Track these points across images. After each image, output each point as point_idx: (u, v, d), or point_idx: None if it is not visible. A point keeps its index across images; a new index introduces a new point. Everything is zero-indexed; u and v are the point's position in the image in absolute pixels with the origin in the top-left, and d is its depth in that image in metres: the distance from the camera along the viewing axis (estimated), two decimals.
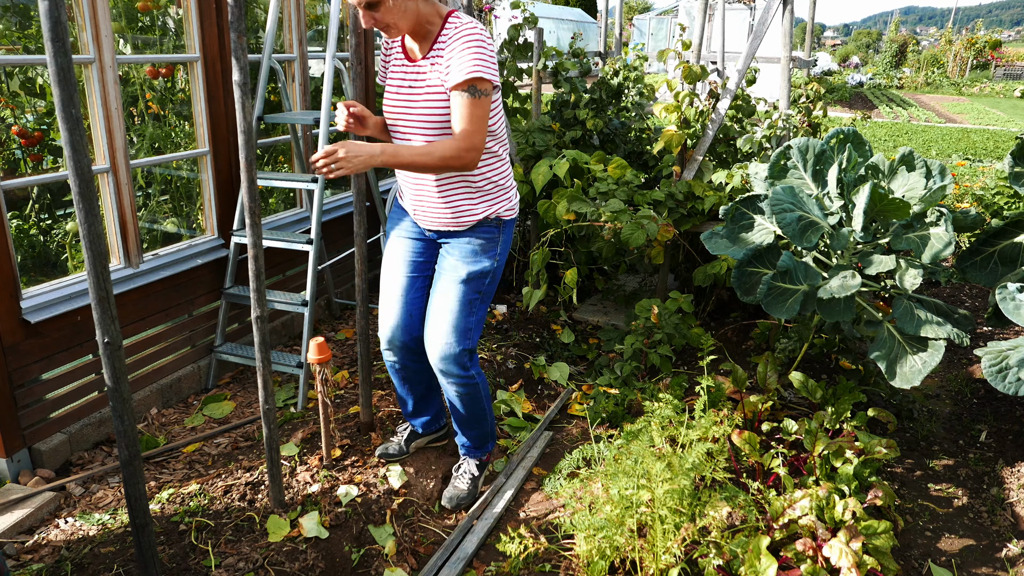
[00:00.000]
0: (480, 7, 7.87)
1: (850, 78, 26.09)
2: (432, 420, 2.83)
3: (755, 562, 2.00)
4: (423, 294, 2.54)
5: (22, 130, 3.03)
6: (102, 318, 1.63)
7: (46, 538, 2.35)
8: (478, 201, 2.35)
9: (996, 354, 2.61)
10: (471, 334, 2.45)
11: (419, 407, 2.77)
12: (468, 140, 2.11)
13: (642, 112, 5.02)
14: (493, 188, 2.37)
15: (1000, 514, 2.67)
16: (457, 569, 2.31)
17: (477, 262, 2.39)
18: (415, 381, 2.69)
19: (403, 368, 2.64)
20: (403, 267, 2.52)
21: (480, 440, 2.71)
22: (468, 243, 2.39)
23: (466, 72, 2.06)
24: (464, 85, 2.08)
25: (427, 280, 2.54)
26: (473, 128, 2.11)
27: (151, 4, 3.24)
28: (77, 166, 1.52)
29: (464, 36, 2.08)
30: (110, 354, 1.67)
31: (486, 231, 2.40)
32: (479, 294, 2.42)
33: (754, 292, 2.97)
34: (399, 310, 2.52)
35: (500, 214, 2.40)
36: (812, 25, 6.53)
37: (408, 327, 2.53)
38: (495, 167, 2.36)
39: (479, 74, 2.06)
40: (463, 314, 2.40)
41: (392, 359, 2.62)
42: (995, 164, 9.57)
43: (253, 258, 2.18)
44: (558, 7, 26.12)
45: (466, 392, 2.53)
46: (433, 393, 2.78)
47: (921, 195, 2.75)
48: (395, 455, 2.80)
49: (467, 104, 2.10)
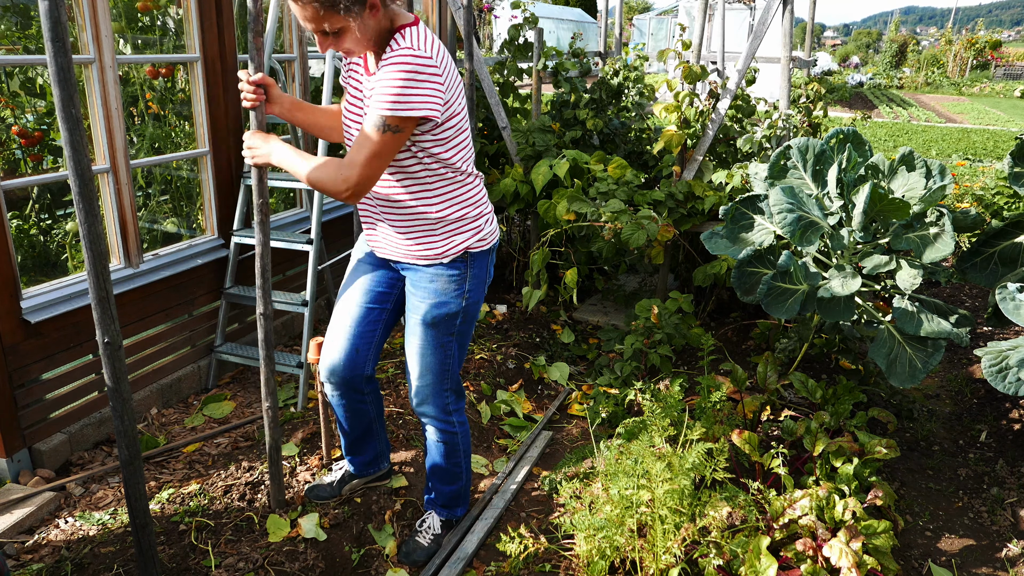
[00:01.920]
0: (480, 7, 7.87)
1: (850, 78, 26.10)
2: (371, 462, 2.59)
3: (755, 562, 2.00)
4: (377, 328, 2.28)
5: (22, 130, 3.03)
6: (102, 318, 1.63)
7: (46, 538, 2.35)
8: (440, 236, 2.08)
9: (996, 354, 2.61)
10: (450, 374, 2.25)
11: (358, 446, 2.52)
12: (351, 168, 1.85)
13: (642, 112, 5.03)
14: (455, 222, 2.08)
15: (1000, 514, 2.67)
16: (457, 569, 2.31)
17: (441, 305, 2.13)
18: (355, 420, 2.44)
19: (343, 405, 2.39)
20: (359, 295, 2.27)
21: (452, 500, 2.47)
22: (431, 282, 2.13)
23: (379, 103, 1.82)
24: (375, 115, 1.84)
25: (385, 312, 2.29)
26: (357, 158, 1.85)
27: (151, 4, 3.24)
28: (77, 166, 1.52)
29: (393, 61, 1.82)
30: (110, 354, 1.67)
31: (451, 267, 2.11)
32: (451, 335, 2.18)
33: (754, 292, 2.97)
34: (345, 342, 2.27)
35: (469, 247, 2.11)
36: (812, 25, 6.53)
37: (352, 362, 2.28)
38: (455, 198, 2.07)
39: (389, 110, 1.81)
40: (437, 357, 2.20)
41: (332, 392, 2.37)
42: (995, 164, 9.57)
43: (260, 256, 2.18)
44: (558, 7, 26.12)
45: (444, 440, 2.34)
46: (372, 436, 2.52)
47: (921, 195, 2.75)
48: (326, 497, 2.55)
49: (367, 132, 1.84)
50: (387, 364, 3.56)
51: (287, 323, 3.91)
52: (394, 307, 2.30)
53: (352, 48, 1.89)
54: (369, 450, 2.55)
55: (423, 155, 1.97)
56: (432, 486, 2.47)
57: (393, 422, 3.07)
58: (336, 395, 2.36)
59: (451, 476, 2.41)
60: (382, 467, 2.64)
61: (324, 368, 2.33)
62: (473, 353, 3.71)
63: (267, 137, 2.03)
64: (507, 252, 4.88)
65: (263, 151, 2.01)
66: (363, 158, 1.86)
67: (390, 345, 3.78)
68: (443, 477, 2.42)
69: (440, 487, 2.45)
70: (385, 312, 2.29)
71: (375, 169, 1.88)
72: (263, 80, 2.01)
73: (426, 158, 1.98)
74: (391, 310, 2.30)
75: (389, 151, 1.87)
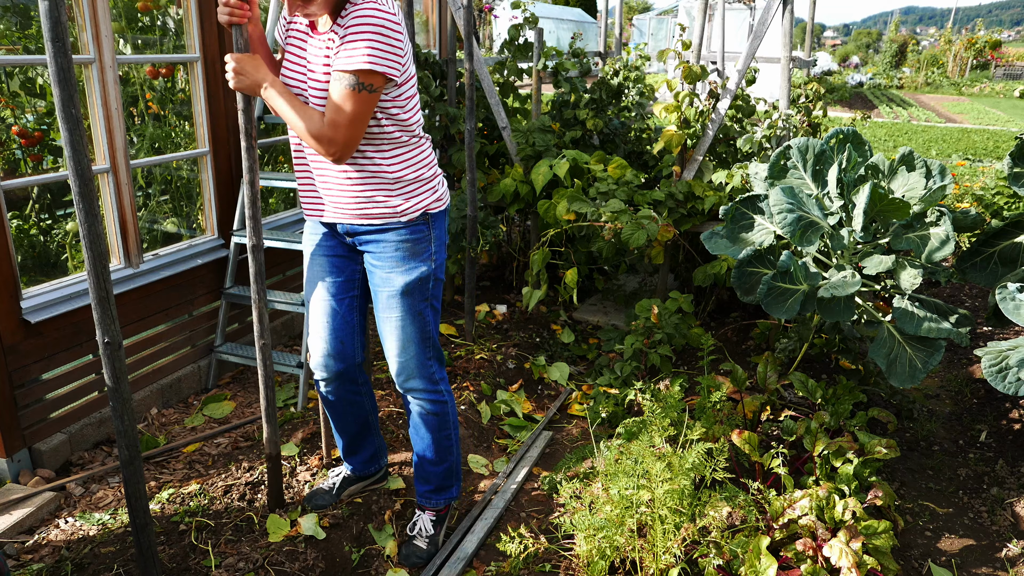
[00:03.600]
0: (480, 7, 7.87)
1: (850, 78, 26.10)
2: (370, 459, 2.56)
3: (755, 562, 2.00)
4: (353, 316, 2.28)
5: (22, 130, 3.03)
6: (102, 318, 1.63)
7: (46, 538, 2.35)
8: (395, 194, 2.06)
9: (996, 354, 2.61)
10: (431, 341, 2.22)
11: (355, 444, 2.50)
12: (331, 130, 1.86)
13: (642, 112, 5.03)
14: (414, 182, 2.08)
15: (1000, 514, 2.67)
16: (457, 569, 2.31)
17: (412, 269, 2.11)
18: (351, 416, 2.42)
19: (339, 400, 2.37)
20: (324, 291, 2.25)
21: (444, 478, 2.40)
22: (396, 250, 2.10)
23: (352, 61, 1.81)
24: (347, 73, 1.83)
25: (355, 299, 2.28)
26: (341, 120, 1.85)
27: (151, 4, 3.24)
28: (77, 166, 1.52)
29: (362, 17, 1.81)
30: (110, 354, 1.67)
31: (414, 231, 2.10)
32: (426, 300, 2.16)
33: (754, 292, 2.97)
34: (329, 336, 2.26)
35: (427, 208, 2.11)
36: (812, 25, 6.53)
37: (340, 354, 2.27)
38: (411, 159, 2.07)
39: (367, 66, 1.80)
40: (416, 325, 2.17)
41: (326, 389, 2.36)
42: (995, 164, 9.57)
43: (249, 182, 2.18)
44: (558, 7, 26.12)
45: (435, 412, 2.30)
46: (370, 431, 2.52)
47: (921, 195, 2.75)
48: (324, 505, 2.50)
49: (343, 93, 1.84)
50: (386, 364, 3.56)
51: (287, 323, 3.91)
52: (361, 290, 2.30)
53: (317, 12, 1.88)
54: (368, 446, 2.53)
55: (382, 116, 1.97)
56: (421, 470, 2.39)
57: (393, 422, 3.07)
58: (331, 389, 2.35)
59: (443, 451, 2.36)
60: (381, 464, 2.62)
61: (316, 367, 2.32)
62: (473, 353, 3.71)
63: (258, 62, 1.90)
64: (507, 252, 4.88)
65: (253, 77, 1.89)
66: (345, 120, 1.86)
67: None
68: (436, 454, 2.35)
69: (433, 469, 2.38)
70: (355, 299, 2.28)
71: (358, 131, 1.89)
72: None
73: (384, 120, 1.97)
74: (359, 295, 2.30)
75: (368, 111, 1.88)
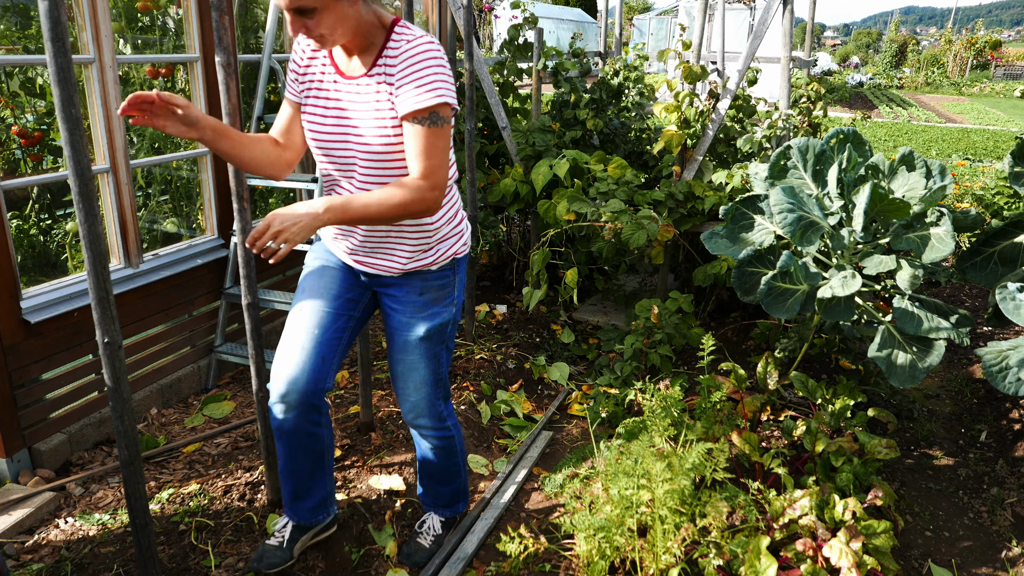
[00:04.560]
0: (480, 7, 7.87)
1: (850, 78, 26.10)
2: (319, 505, 2.22)
3: (755, 562, 2.00)
4: (343, 336, 2.05)
5: (22, 130, 3.03)
6: (102, 318, 1.63)
7: (46, 538, 2.35)
8: (434, 245, 1.97)
9: (996, 354, 2.61)
10: (443, 382, 2.17)
11: (307, 486, 2.17)
12: (432, 178, 1.74)
13: (642, 112, 5.03)
14: (447, 226, 1.99)
15: (1000, 514, 2.67)
16: (457, 569, 2.31)
17: (435, 315, 2.03)
18: (306, 450, 2.09)
19: (296, 431, 2.03)
20: (326, 300, 2.03)
21: (452, 498, 2.40)
22: (421, 295, 2.00)
23: (427, 97, 1.69)
24: (424, 112, 1.71)
25: (352, 321, 2.07)
26: (437, 163, 1.74)
27: (151, 4, 3.24)
28: (77, 166, 1.52)
29: (421, 53, 1.71)
30: (110, 354, 1.67)
31: (440, 276, 2.02)
32: (443, 343, 2.09)
33: (754, 292, 2.97)
34: (312, 348, 1.97)
35: (456, 254, 2.04)
36: (812, 25, 6.53)
37: (316, 373, 1.97)
38: (450, 204, 2.01)
39: (443, 99, 1.71)
40: (431, 368, 2.09)
41: (284, 416, 2.00)
42: (995, 164, 9.57)
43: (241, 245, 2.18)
44: (558, 7, 26.12)
45: (442, 446, 2.26)
46: (324, 470, 2.19)
47: (921, 195, 2.75)
48: (277, 564, 2.16)
49: (428, 135, 1.72)
50: (386, 364, 3.56)
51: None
52: (361, 316, 2.11)
53: (326, 35, 1.68)
54: (319, 488, 2.20)
55: None
56: (429, 489, 2.39)
57: (393, 422, 3.07)
58: (290, 418, 2.00)
59: (450, 477, 2.35)
60: (331, 511, 2.29)
61: (281, 382, 1.97)
62: (473, 353, 3.72)
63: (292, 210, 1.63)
64: (507, 252, 4.88)
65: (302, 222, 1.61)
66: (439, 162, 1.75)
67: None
68: (442, 479, 2.34)
69: (439, 489, 2.37)
70: (352, 320, 2.08)
71: (447, 167, 1.80)
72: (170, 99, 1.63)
73: None
74: (358, 319, 2.10)
75: (448, 144, 1.78)
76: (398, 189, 1.73)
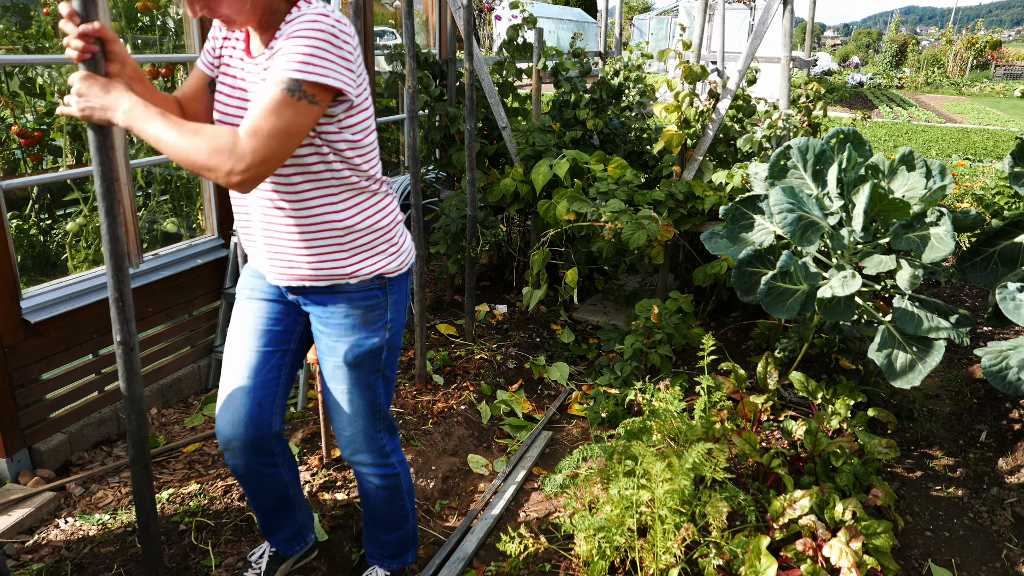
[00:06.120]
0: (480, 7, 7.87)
1: (850, 78, 26.10)
2: (293, 538, 2.17)
3: (755, 562, 2.00)
4: (280, 375, 1.92)
5: (22, 130, 3.03)
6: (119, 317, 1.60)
7: (46, 538, 2.35)
8: (349, 252, 1.75)
9: (996, 354, 2.61)
10: (381, 414, 1.96)
11: (275, 520, 2.11)
12: (251, 141, 1.46)
13: (642, 112, 5.03)
14: (369, 234, 1.77)
15: (1000, 514, 2.66)
16: (457, 569, 2.31)
17: (363, 340, 1.83)
18: (265, 490, 2.02)
19: (250, 474, 1.96)
20: (254, 338, 1.89)
21: (399, 547, 2.16)
22: (345, 317, 1.81)
23: (292, 65, 1.48)
24: (286, 80, 1.48)
25: (288, 355, 1.93)
26: (263, 128, 1.47)
27: (151, 4, 3.24)
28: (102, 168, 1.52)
29: (305, 26, 1.51)
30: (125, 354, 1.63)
31: (367, 297, 1.81)
32: (376, 372, 1.90)
33: (754, 292, 2.97)
34: (244, 397, 1.87)
35: (383, 271, 1.81)
36: (812, 25, 6.53)
37: (256, 420, 1.87)
38: (370, 207, 1.77)
39: (310, 75, 1.48)
40: (365, 399, 1.90)
41: (235, 461, 1.93)
42: (995, 164, 9.57)
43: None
44: (558, 7, 26.12)
45: (385, 485, 2.03)
46: (291, 505, 2.12)
47: (921, 195, 2.75)
48: None
49: (279, 99, 1.48)
50: None
51: None
52: (298, 347, 1.96)
53: (230, 15, 1.56)
54: (289, 524, 2.14)
55: (326, 148, 1.65)
56: (373, 537, 2.16)
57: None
58: (240, 463, 1.93)
59: (397, 521, 2.11)
60: (308, 541, 2.23)
61: (223, 432, 1.90)
62: (473, 353, 3.72)
63: (109, 84, 1.46)
64: (507, 252, 4.88)
65: (100, 101, 1.45)
66: (270, 129, 1.47)
67: None
68: (387, 525, 2.11)
69: (385, 536, 2.13)
70: (289, 354, 1.93)
71: (282, 148, 1.50)
72: (100, 32, 1.44)
73: (330, 154, 1.66)
74: (295, 351, 1.95)
75: (302, 125, 1.51)
76: (206, 137, 1.45)
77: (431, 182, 4.81)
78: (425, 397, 3.25)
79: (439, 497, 2.73)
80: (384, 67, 4.88)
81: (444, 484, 2.79)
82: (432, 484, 2.77)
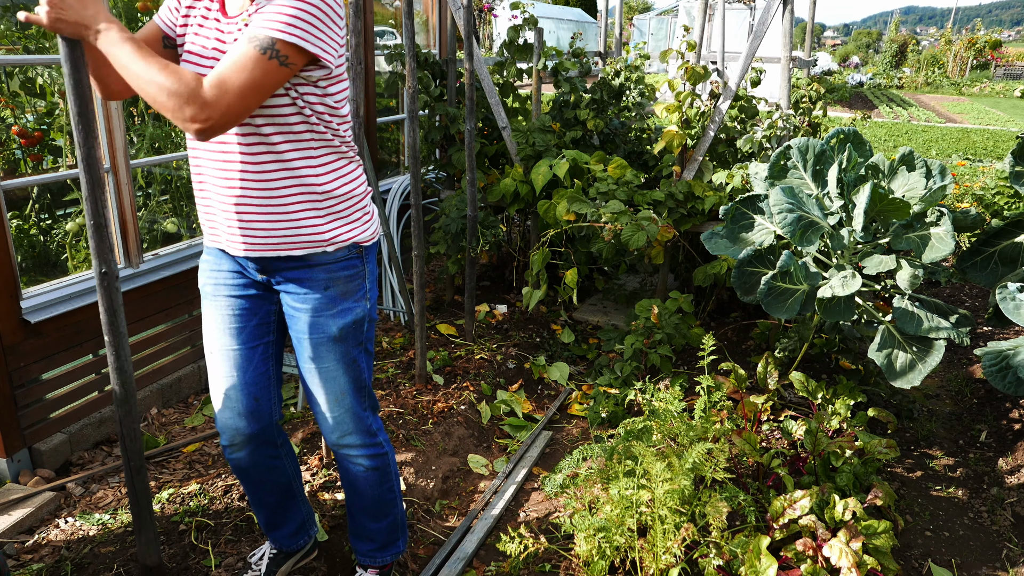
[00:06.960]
0: (480, 7, 7.88)
1: (850, 78, 26.11)
2: (297, 531, 2.16)
3: (755, 562, 2.00)
4: (268, 366, 1.91)
5: (22, 130, 3.03)
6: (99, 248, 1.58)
7: (46, 538, 2.35)
8: (325, 218, 1.71)
9: (996, 354, 2.61)
10: (366, 390, 1.93)
11: (280, 514, 2.11)
12: (216, 90, 1.43)
13: (642, 112, 5.03)
14: (345, 201, 1.75)
15: (1000, 514, 2.67)
16: (457, 569, 2.31)
17: (345, 312, 1.79)
18: (270, 484, 2.04)
19: (253, 467, 1.97)
20: (232, 337, 1.85)
21: (389, 534, 2.11)
22: (325, 287, 1.76)
23: (272, 24, 1.47)
24: (262, 37, 1.47)
25: (271, 346, 1.91)
26: (232, 80, 1.44)
27: (151, 4, 3.24)
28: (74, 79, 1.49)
29: None
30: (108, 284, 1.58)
31: (346, 267, 1.78)
32: (360, 345, 1.85)
33: (754, 292, 2.97)
34: (239, 395, 1.87)
35: (358, 239, 1.79)
36: (812, 25, 6.53)
37: (256, 413, 1.89)
38: (347, 173, 1.75)
39: (288, 36, 1.47)
40: (350, 375, 1.86)
41: (238, 456, 1.95)
42: (995, 164, 9.57)
43: None
44: (558, 7, 26.13)
45: (375, 466, 1.99)
46: (294, 498, 2.13)
47: (921, 195, 2.75)
48: None
49: (250, 55, 1.46)
50: (387, 364, 3.56)
51: None
52: (277, 335, 1.93)
53: None
54: (293, 516, 2.14)
55: (307, 110, 1.63)
56: (361, 530, 2.10)
57: (393, 422, 3.07)
58: (244, 457, 1.95)
59: (386, 505, 2.07)
60: (311, 535, 2.23)
61: (224, 430, 1.92)
62: (473, 353, 3.72)
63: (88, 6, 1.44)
64: (507, 252, 4.88)
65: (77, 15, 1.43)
66: (239, 83, 1.45)
67: (389, 345, 3.78)
68: (377, 511, 2.06)
69: (374, 525, 2.08)
70: (271, 345, 1.91)
71: (247, 104, 1.48)
72: None
73: (312, 116, 1.64)
74: (275, 340, 1.92)
75: (270, 84, 1.49)
76: (172, 77, 1.42)
77: (431, 182, 4.81)
78: (425, 397, 3.25)
79: (439, 497, 2.73)
80: (384, 67, 4.88)
81: (444, 484, 2.79)
82: (432, 484, 2.77)
